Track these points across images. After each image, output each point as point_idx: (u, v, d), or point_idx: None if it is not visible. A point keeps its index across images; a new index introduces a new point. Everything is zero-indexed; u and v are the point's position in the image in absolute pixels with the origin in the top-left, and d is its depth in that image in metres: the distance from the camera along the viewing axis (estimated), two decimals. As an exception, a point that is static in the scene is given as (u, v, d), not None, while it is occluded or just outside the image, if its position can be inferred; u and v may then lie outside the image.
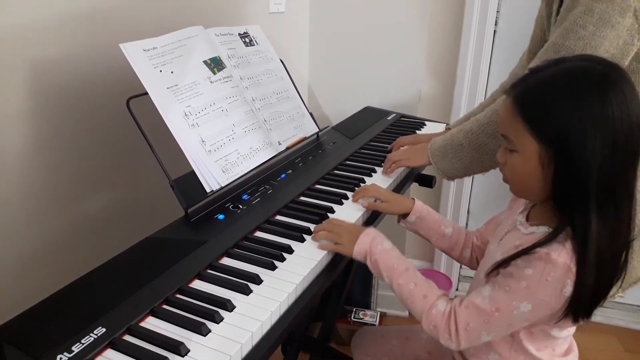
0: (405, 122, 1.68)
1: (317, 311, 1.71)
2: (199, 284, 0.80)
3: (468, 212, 2.06)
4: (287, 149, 1.26)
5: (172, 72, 1.03)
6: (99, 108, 1.08)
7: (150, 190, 1.19)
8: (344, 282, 1.58)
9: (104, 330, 0.67)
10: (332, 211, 1.05)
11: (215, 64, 1.14)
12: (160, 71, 1.01)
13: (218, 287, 0.79)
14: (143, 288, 0.76)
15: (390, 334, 1.17)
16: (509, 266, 0.77)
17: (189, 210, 0.99)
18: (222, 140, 1.07)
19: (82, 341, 0.65)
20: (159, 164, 0.97)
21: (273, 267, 0.85)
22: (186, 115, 1.02)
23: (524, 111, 0.75)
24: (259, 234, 0.96)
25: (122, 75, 1.02)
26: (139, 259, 0.85)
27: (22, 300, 0.76)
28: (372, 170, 1.28)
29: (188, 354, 0.66)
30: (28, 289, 0.94)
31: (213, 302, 0.75)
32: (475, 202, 2.06)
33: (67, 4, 0.98)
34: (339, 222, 0.96)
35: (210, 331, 0.69)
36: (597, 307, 0.76)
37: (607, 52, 0.91)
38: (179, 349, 0.65)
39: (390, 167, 1.25)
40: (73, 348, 0.64)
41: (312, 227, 0.97)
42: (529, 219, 0.84)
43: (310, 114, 1.41)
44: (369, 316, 1.94)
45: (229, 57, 1.20)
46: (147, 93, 0.96)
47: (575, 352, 0.92)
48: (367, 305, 2.00)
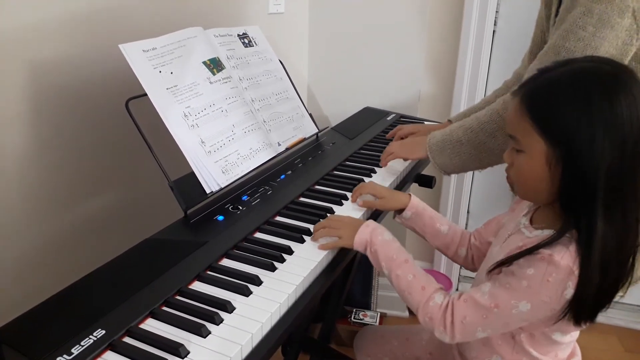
0: (404, 122, 1.68)
1: (317, 312, 1.71)
2: (198, 286, 0.80)
3: (468, 212, 2.06)
4: (287, 149, 1.26)
5: (172, 73, 1.02)
6: (98, 109, 1.08)
7: (149, 192, 1.19)
8: (344, 283, 1.58)
9: (104, 332, 0.67)
10: (332, 212, 1.05)
11: (215, 65, 1.13)
12: (160, 72, 1.00)
13: (218, 288, 0.79)
14: (142, 289, 0.76)
15: (391, 334, 1.17)
16: (512, 265, 0.77)
17: (189, 211, 0.99)
18: (222, 141, 1.07)
19: (82, 343, 0.65)
20: (159, 165, 0.97)
21: (273, 268, 0.84)
22: (185, 116, 1.02)
23: (532, 111, 0.74)
24: (259, 235, 0.96)
25: (121, 76, 1.02)
26: (139, 260, 0.85)
27: (22, 301, 0.76)
28: (371, 170, 1.28)
29: (188, 356, 0.65)
30: (28, 289, 0.94)
31: (213, 304, 0.75)
32: (475, 202, 2.06)
33: (66, 5, 0.98)
34: (337, 217, 0.96)
35: (210, 333, 0.69)
36: (601, 311, 0.76)
37: (606, 52, 0.91)
38: (179, 350, 0.65)
39: (387, 158, 1.24)
40: (72, 350, 0.64)
41: (312, 228, 0.97)
42: (532, 222, 0.84)
43: (310, 114, 1.41)
44: (369, 317, 1.94)
45: (228, 57, 1.20)
46: (146, 94, 0.96)
47: (579, 357, 0.92)
48: (367, 306, 2.00)
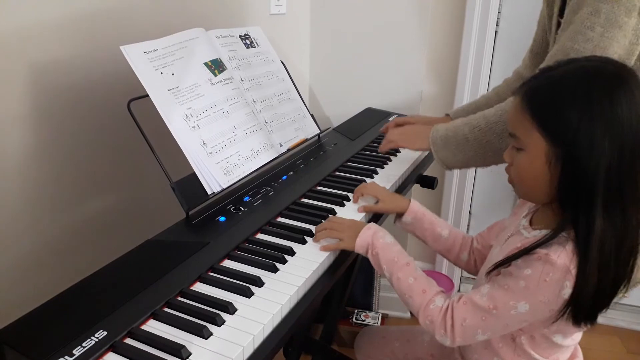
0: (405, 123, 1.68)
1: (319, 313, 1.71)
2: (200, 287, 0.80)
3: (470, 213, 2.06)
4: (289, 150, 1.26)
5: (173, 74, 1.02)
6: (100, 110, 1.08)
7: (151, 193, 1.19)
8: (346, 284, 1.58)
9: (105, 333, 0.67)
10: (334, 213, 1.05)
11: (216, 66, 1.13)
12: (161, 73, 1.00)
13: (219, 289, 0.79)
14: (144, 291, 0.76)
15: (392, 335, 1.17)
16: (510, 266, 0.77)
17: (190, 212, 0.99)
18: (223, 142, 1.07)
19: (83, 344, 0.65)
20: (160, 166, 0.97)
21: (275, 270, 0.84)
22: (187, 117, 1.02)
23: (533, 109, 0.74)
24: (261, 236, 0.96)
25: (123, 77, 1.02)
26: (140, 261, 0.85)
27: (23, 302, 0.76)
28: (373, 171, 1.27)
29: (189, 357, 0.65)
30: (29, 291, 0.94)
31: (215, 305, 0.75)
32: (477, 204, 2.05)
33: (67, 6, 0.98)
34: (339, 220, 0.96)
35: (211, 334, 0.69)
36: (601, 312, 0.75)
37: (615, 53, 0.91)
38: (181, 352, 0.65)
39: (387, 146, 1.23)
40: (74, 351, 0.63)
41: (314, 229, 0.96)
42: (532, 223, 0.84)
43: (312, 115, 1.41)
44: (370, 318, 1.94)
45: (230, 58, 1.20)
46: (148, 95, 0.96)
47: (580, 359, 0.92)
48: (368, 307, 2.00)
